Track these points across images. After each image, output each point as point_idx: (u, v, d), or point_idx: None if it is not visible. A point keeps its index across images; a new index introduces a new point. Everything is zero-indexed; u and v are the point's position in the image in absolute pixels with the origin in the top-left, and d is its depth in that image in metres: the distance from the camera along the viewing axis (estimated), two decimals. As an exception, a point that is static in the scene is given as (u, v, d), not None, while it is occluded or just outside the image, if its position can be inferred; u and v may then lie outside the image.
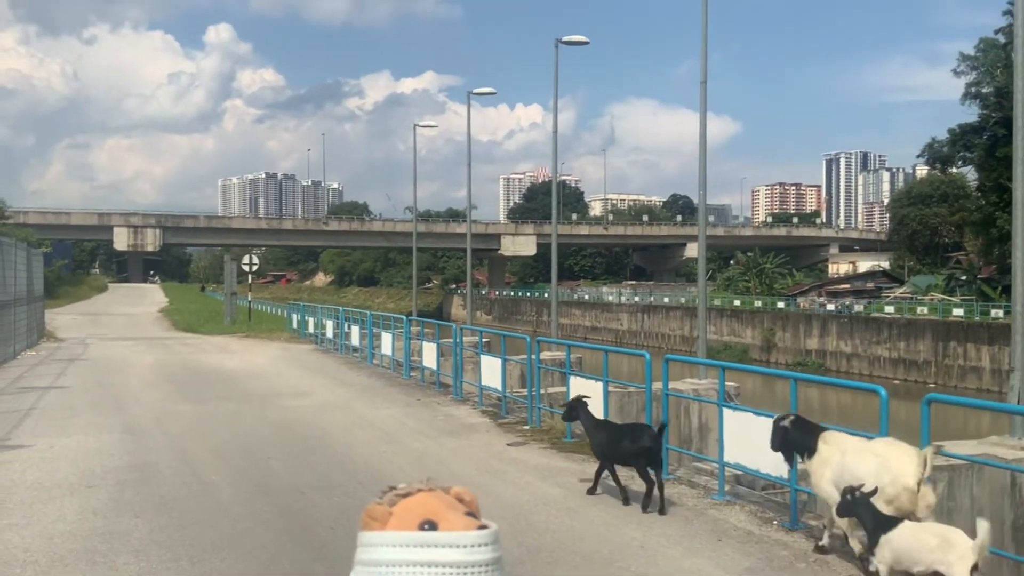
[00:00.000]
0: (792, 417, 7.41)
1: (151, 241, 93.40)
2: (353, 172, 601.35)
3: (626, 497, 8.74)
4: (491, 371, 14.84)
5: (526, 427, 13.09)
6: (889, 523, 5.96)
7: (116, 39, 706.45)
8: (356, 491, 9.19)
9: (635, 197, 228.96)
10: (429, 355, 18.32)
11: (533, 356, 13.75)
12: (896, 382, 44.93)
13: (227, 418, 14.00)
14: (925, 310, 51.20)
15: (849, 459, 6.70)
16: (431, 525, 1.16)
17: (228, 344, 29.06)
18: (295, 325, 33.90)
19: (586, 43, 30.70)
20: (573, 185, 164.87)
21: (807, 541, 7.57)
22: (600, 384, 11.45)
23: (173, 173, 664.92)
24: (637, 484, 8.75)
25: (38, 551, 7.20)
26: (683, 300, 71.27)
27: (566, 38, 30.28)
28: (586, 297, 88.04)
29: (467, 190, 44.13)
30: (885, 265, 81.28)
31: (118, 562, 6.96)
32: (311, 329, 30.52)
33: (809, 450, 7.09)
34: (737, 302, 66.03)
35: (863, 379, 44.82)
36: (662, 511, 8.37)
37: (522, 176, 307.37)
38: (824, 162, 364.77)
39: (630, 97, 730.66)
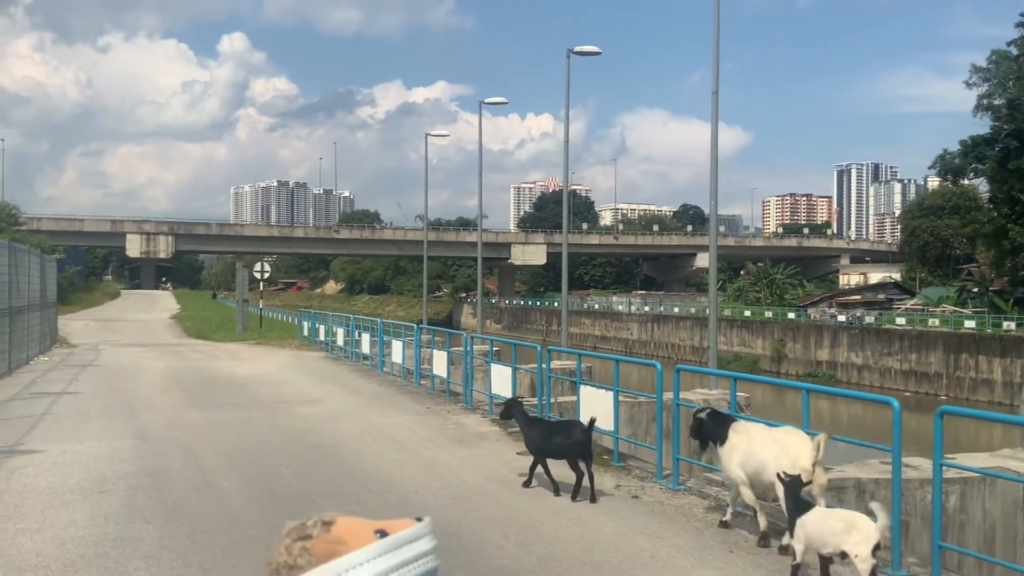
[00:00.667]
0: (708, 410, 8.53)
1: (163, 248, 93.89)
2: (364, 181, 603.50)
3: (556, 489, 9.37)
4: (501, 380, 14.84)
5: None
6: (804, 507, 6.65)
7: (130, 47, 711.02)
8: (367, 499, 9.21)
9: (645, 207, 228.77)
10: (439, 363, 18.33)
11: (543, 365, 13.75)
12: (907, 394, 44.72)
13: (238, 425, 14.03)
14: (936, 322, 50.96)
15: (755, 445, 7.70)
16: (382, 532, 1.16)
17: (239, 351, 29.15)
18: (306, 333, 33.97)
19: (598, 53, 30.80)
20: (583, 195, 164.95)
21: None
22: (611, 393, 11.44)
23: (186, 181, 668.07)
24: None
25: (50, 556, 7.24)
26: (693, 310, 71.13)
27: (578, 48, 30.38)
28: (596, 306, 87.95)
29: (478, 199, 44.28)
30: (896, 277, 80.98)
31: (129, 568, 6.99)
32: (322, 337, 30.58)
33: (722, 438, 7.99)
34: (747, 312, 65.90)
35: (874, 391, 44.63)
36: (593, 499, 9.10)
37: (532, 185, 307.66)
38: (835, 173, 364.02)
39: (641, 107, 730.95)
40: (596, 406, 11.67)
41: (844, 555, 6.20)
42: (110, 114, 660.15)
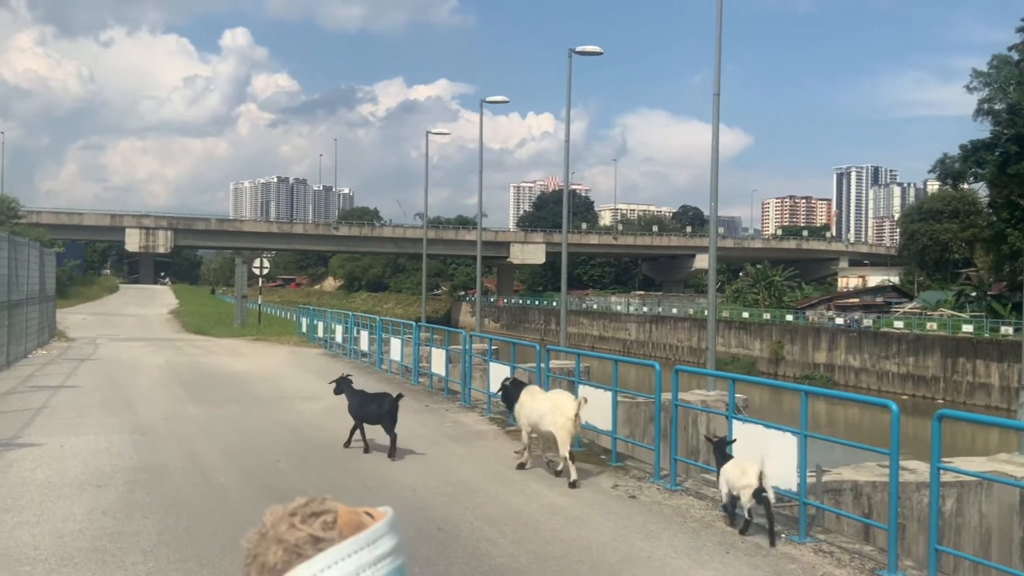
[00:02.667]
0: (512, 379, 11.86)
1: (163, 243, 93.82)
2: (364, 178, 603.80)
3: (367, 447, 11.34)
4: (500, 378, 14.82)
5: (534, 435, 13.07)
6: (724, 460, 8.43)
7: (133, 42, 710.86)
8: (365, 496, 9.21)
9: (645, 207, 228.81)
10: (438, 361, 18.33)
11: (542, 364, 13.76)
12: (904, 397, 44.75)
13: (236, 420, 14.04)
14: (935, 326, 50.99)
15: (536, 403, 10.39)
16: (369, 515, 1.13)
17: (238, 347, 29.14)
18: (304, 329, 33.96)
19: (600, 54, 30.80)
20: (583, 195, 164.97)
21: (815, 555, 7.56)
22: (609, 393, 11.45)
23: (186, 176, 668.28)
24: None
25: (47, 549, 7.24)
26: (692, 311, 71.14)
27: (580, 48, 30.38)
28: (594, 306, 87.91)
29: (478, 198, 44.28)
30: (895, 280, 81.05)
31: (127, 562, 6.99)
32: (320, 333, 30.57)
33: (517, 399, 10.77)
34: (746, 314, 65.91)
35: (871, 394, 44.65)
36: (391, 455, 10.97)
37: (532, 185, 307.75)
38: (835, 176, 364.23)
39: (642, 108, 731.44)
40: (594, 406, 11.69)
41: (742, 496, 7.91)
42: (111, 108, 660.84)
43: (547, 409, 10.11)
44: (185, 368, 22.19)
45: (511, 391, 11.17)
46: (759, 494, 7.78)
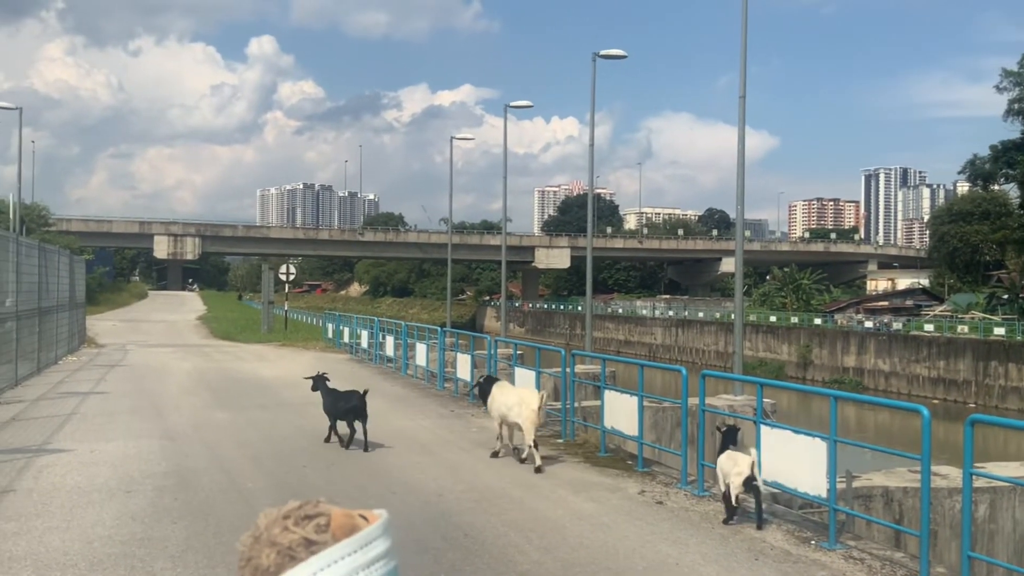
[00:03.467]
0: (485, 376, 13.37)
1: (190, 249, 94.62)
2: (389, 183, 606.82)
3: (340, 440, 12.18)
4: (525, 383, 14.80)
5: (560, 440, 13.05)
6: (723, 450, 8.88)
7: (161, 51, 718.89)
8: (391, 501, 9.22)
9: (670, 211, 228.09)
10: (463, 366, 18.33)
11: (567, 369, 13.72)
12: (935, 402, 44.20)
13: (263, 426, 14.11)
14: (965, 329, 50.32)
15: (504, 397, 11.68)
16: (364, 518, 1.12)
17: (264, 352, 29.32)
18: (330, 335, 34.12)
19: (624, 57, 30.71)
20: (608, 198, 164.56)
21: (846, 562, 7.47)
22: (635, 399, 11.38)
23: (213, 183, 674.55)
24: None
25: (77, 555, 7.30)
26: (718, 315, 70.71)
27: (604, 52, 30.30)
28: (620, 311, 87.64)
29: (503, 202, 44.29)
30: (925, 283, 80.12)
31: (156, 567, 7.03)
32: (346, 339, 30.70)
33: (490, 394, 12.00)
34: (773, 318, 65.39)
35: (901, 398, 44.14)
36: (365, 449, 11.83)
37: (557, 189, 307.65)
38: (863, 178, 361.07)
39: (667, 111, 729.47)
40: (620, 411, 11.64)
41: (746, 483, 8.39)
42: (140, 117, 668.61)
43: (514, 402, 11.42)
44: (213, 374, 22.35)
45: (484, 386, 12.40)
46: (749, 482, 8.26)
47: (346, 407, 12.15)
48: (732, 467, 8.46)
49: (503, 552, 7.61)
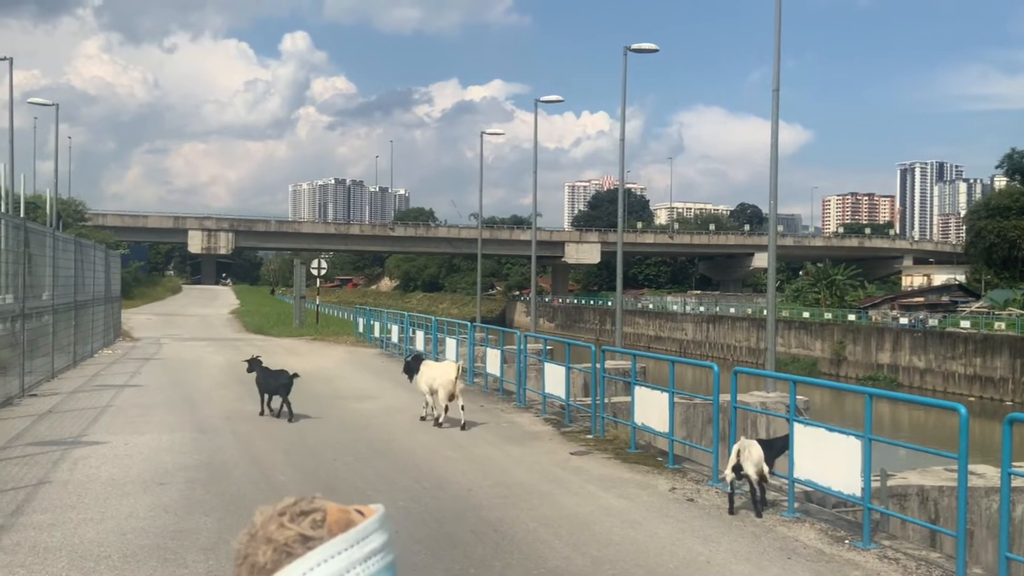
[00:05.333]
0: (413, 354, 16.90)
1: (224, 244, 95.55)
2: (420, 178, 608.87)
3: (273, 414, 14.07)
4: (555, 379, 14.78)
5: (589, 436, 13.01)
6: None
7: (195, 47, 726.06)
8: (421, 495, 9.23)
9: (701, 206, 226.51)
10: (493, 361, 18.33)
11: (597, 365, 13.66)
12: (971, 399, 43.56)
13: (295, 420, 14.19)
14: (1003, 325, 49.52)
15: (429, 371, 13.97)
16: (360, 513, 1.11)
17: (296, 347, 29.51)
18: (361, 329, 34.28)
19: (655, 51, 30.52)
20: (639, 193, 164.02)
21: (880, 562, 7.36)
22: (666, 395, 11.31)
23: (247, 178, 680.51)
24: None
25: (111, 546, 7.38)
26: (750, 311, 70.15)
27: (635, 46, 30.13)
28: (650, 306, 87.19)
29: (533, 197, 44.21)
30: (961, 278, 78.90)
31: (188, 559, 7.09)
32: (376, 333, 30.82)
33: (417, 370, 14.32)
34: (806, 314, 64.75)
35: (937, 395, 43.53)
36: (290, 419, 13.74)
37: (587, 184, 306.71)
38: (898, 172, 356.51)
39: (699, 105, 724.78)
40: (651, 407, 11.57)
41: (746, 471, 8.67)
42: (175, 113, 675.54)
43: (436, 374, 13.81)
44: (245, 368, 22.48)
45: (412, 364, 14.97)
46: (737, 470, 8.66)
47: (276, 384, 14.06)
48: (748, 454, 8.70)
49: (532, 548, 7.59)
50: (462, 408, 13.46)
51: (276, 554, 1.03)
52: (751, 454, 8.68)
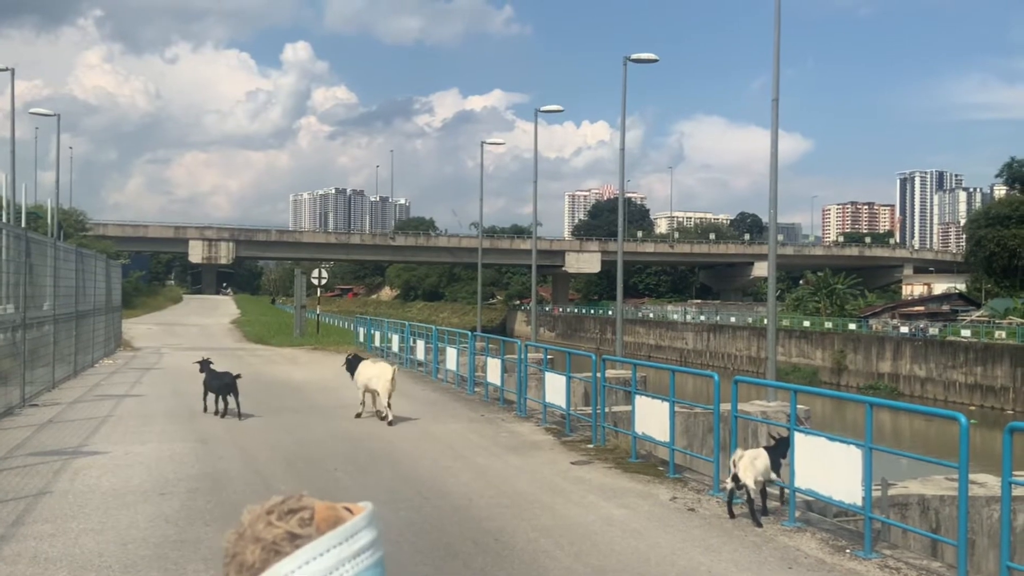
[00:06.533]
0: (352, 355, 17.13)
1: (224, 254, 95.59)
2: (421, 188, 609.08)
3: (206, 408, 15.35)
4: (555, 388, 14.78)
5: (590, 446, 13.00)
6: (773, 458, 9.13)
7: (197, 58, 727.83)
8: (421, 505, 9.23)
9: (702, 215, 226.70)
10: (493, 371, 18.33)
11: (598, 374, 13.66)
12: (972, 408, 43.52)
13: (295, 429, 14.20)
14: (1003, 334, 49.52)
15: (366, 370, 15.18)
16: (348, 510, 1.11)
17: (297, 356, 29.51)
18: (361, 338, 34.28)
19: (655, 61, 30.61)
20: (639, 202, 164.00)
21: (881, 571, 7.36)
22: (666, 404, 11.31)
23: (248, 188, 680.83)
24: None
25: (112, 556, 7.38)
26: (750, 320, 70.13)
27: (635, 56, 30.22)
28: (651, 315, 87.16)
29: (533, 207, 44.26)
30: (961, 287, 78.92)
31: (188, 570, 7.09)
32: (377, 343, 30.83)
33: (356, 369, 15.56)
34: (807, 323, 64.74)
35: (937, 404, 43.52)
36: (239, 417, 14.83)
37: (587, 193, 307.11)
38: (898, 181, 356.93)
39: (699, 114, 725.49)
40: (651, 416, 11.57)
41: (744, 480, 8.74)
42: (176, 123, 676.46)
43: (374, 374, 14.90)
44: (246, 377, 22.42)
45: (352, 363, 16.12)
46: (736, 479, 8.75)
47: (219, 384, 15.11)
48: (746, 462, 8.80)
49: (534, 558, 7.58)
50: (388, 405, 14.70)
51: (264, 552, 1.03)
52: (756, 465, 8.73)
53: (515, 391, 17.06)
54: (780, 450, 9.24)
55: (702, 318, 78.54)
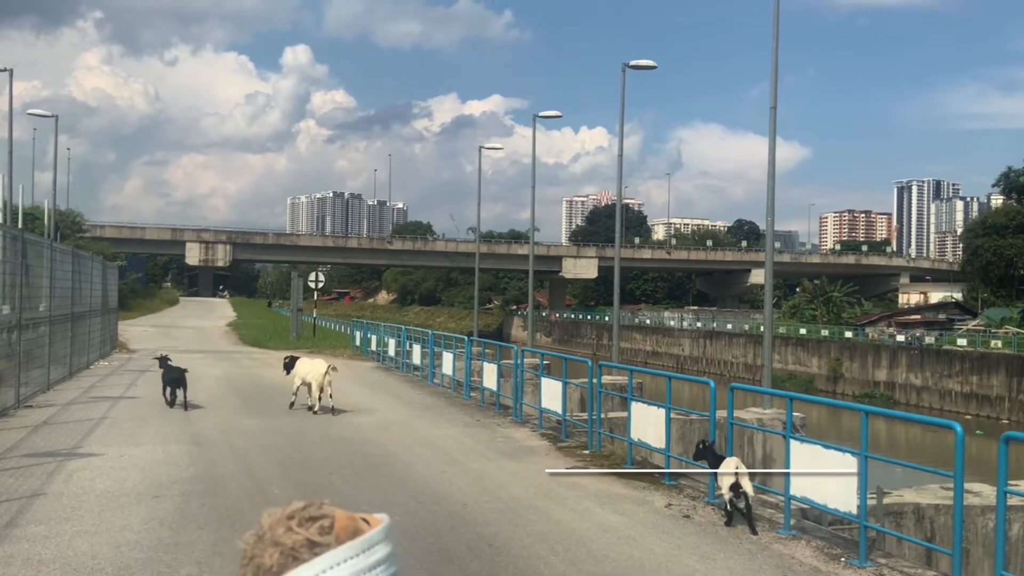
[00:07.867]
0: (290, 356, 18.21)
1: (221, 257, 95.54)
2: (419, 192, 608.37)
3: (171, 404, 16.35)
4: (551, 394, 14.77)
5: (586, 451, 12.99)
6: (718, 462, 9.36)
7: (196, 60, 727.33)
8: (416, 510, 9.21)
9: (699, 222, 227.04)
10: (490, 376, 18.32)
11: (594, 380, 13.66)
12: (968, 417, 43.53)
13: (291, 433, 14.18)
14: (999, 344, 49.59)
15: (303, 366, 16.52)
16: (366, 521, 1.12)
17: (292, 360, 29.45)
18: (358, 342, 34.26)
19: (653, 67, 30.65)
20: (636, 209, 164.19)
21: (876, 580, 7.35)
22: (662, 411, 11.31)
23: (246, 190, 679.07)
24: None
25: (105, 559, 7.36)
26: (747, 327, 70.17)
27: (633, 62, 30.27)
28: (647, 322, 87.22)
29: (531, 212, 44.30)
30: (958, 296, 79.07)
31: (182, 573, 7.07)
32: (373, 347, 30.80)
33: (292, 367, 16.99)
34: (803, 331, 64.79)
35: (933, 413, 43.56)
36: (185, 408, 16.10)
37: (585, 199, 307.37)
38: (895, 190, 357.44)
39: (697, 122, 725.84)
40: (647, 423, 11.57)
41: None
42: (175, 125, 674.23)
43: (309, 369, 16.34)
44: (242, 380, 22.50)
45: (289, 364, 17.51)
46: (736, 488, 8.74)
47: (170, 377, 16.54)
48: (723, 474, 8.98)
49: (528, 563, 7.57)
50: (331, 396, 16.11)
51: (283, 558, 1.03)
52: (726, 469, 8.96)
53: (511, 396, 17.05)
54: (707, 455, 9.73)
55: (699, 325, 78.60)
